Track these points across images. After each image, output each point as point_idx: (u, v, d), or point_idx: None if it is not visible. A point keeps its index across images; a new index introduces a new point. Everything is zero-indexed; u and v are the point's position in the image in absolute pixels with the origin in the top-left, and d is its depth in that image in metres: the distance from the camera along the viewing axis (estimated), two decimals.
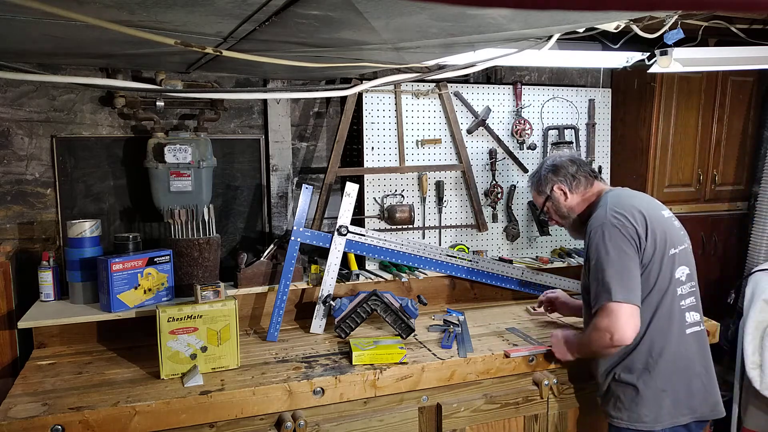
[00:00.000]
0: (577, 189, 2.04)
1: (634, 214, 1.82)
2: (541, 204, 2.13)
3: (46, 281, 2.24)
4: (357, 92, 2.55)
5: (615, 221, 1.81)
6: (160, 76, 2.35)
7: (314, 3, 1.17)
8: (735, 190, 3.22)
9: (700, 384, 1.85)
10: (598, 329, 1.79)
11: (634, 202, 1.88)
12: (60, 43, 1.68)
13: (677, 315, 1.83)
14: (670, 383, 1.82)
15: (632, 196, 1.94)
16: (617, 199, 1.91)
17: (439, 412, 2.02)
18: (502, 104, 2.86)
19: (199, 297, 1.94)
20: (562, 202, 2.06)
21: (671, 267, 1.82)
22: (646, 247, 1.79)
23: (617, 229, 1.79)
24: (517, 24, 1.49)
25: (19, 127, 2.32)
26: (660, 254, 1.81)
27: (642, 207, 1.86)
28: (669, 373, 1.81)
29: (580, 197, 2.05)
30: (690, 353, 1.84)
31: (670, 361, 1.81)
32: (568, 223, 2.10)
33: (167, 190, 2.34)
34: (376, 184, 2.71)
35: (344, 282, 2.49)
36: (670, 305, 1.82)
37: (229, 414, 1.78)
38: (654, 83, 2.91)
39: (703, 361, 1.88)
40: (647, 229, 1.80)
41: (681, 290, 1.84)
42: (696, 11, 2.25)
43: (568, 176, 2.04)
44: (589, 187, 2.05)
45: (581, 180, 2.04)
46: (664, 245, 1.81)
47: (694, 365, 1.85)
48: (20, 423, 1.59)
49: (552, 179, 2.07)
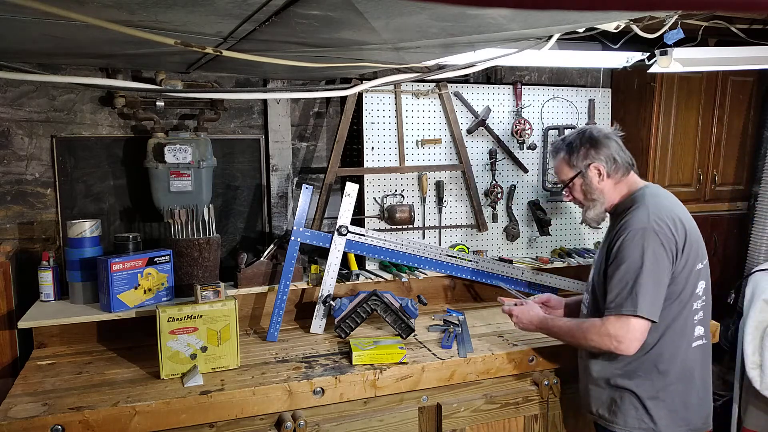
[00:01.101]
0: (615, 174, 1.85)
1: (677, 224, 1.73)
2: (569, 179, 1.90)
3: (46, 281, 2.24)
4: (357, 92, 2.55)
5: (658, 229, 1.70)
6: (160, 76, 2.35)
7: (314, 3, 1.17)
8: (735, 190, 3.22)
9: (696, 397, 1.82)
10: (605, 334, 1.72)
11: (675, 210, 1.77)
12: (60, 43, 1.68)
13: (689, 329, 1.79)
14: (669, 394, 1.78)
15: (671, 201, 1.82)
16: (658, 201, 1.78)
17: (439, 412, 2.02)
18: (502, 104, 2.86)
19: (199, 297, 1.94)
20: (595, 183, 1.86)
21: (695, 281, 1.77)
22: (680, 260, 1.72)
23: (659, 239, 1.69)
24: (517, 24, 1.49)
25: (19, 127, 2.32)
26: (689, 268, 1.74)
27: (682, 216, 1.77)
28: (670, 385, 1.78)
29: (613, 184, 1.86)
30: (692, 366, 1.81)
31: (673, 373, 1.78)
32: (591, 206, 1.90)
33: (167, 190, 2.34)
34: (376, 184, 2.71)
35: (344, 282, 2.49)
36: (685, 318, 1.77)
37: (229, 414, 1.78)
38: (654, 83, 2.91)
39: (703, 374, 1.85)
40: (685, 242, 1.73)
41: (696, 304, 1.79)
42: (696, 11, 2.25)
43: (610, 158, 1.84)
44: (624, 176, 1.87)
45: (620, 166, 1.85)
46: (694, 259, 1.75)
47: (694, 378, 1.81)
48: (20, 423, 1.59)
49: (592, 156, 1.85)
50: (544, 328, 1.97)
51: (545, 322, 1.97)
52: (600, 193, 1.87)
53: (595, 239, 3.07)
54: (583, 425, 2.23)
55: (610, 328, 1.71)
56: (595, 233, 3.06)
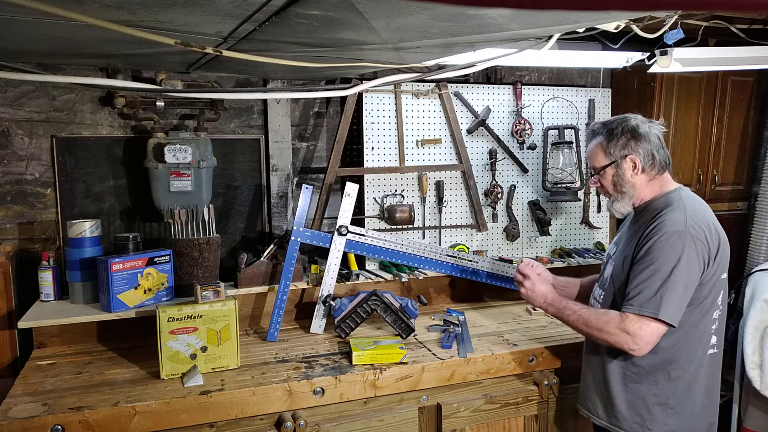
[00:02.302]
0: (651, 171, 1.78)
1: (711, 231, 1.69)
2: (601, 166, 1.82)
3: (46, 281, 2.24)
4: (357, 92, 2.55)
5: (695, 235, 1.65)
6: (160, 76, 2.35)
7: (314, 3, 1.17)
8: (735, 190, 3.22)
9: (701, 405, 1.79)
10: (624, 330, 1.67)
11: (708, 216, 1.73)
12: (60, 43, 1.68)
13: (706, 337, 1.76)
14: (677, 401, 1.75)
15: (705, 207, 1.77)
16: (695, 205, 1.73)
17: (439, 412, 2.02)
18: (502, 104, 2.86)
19: (199, 297, 1.94)
20: (628, 176, 1.78)
21: (718, 291, 1.74)
22: (710, 268, 1.69)
23: (694, 245, 1.64)
24: (517, 24, 1.49)
25: (19, 127, 2.32)
26: (717, 277, 1.71)
27: (716, 223, 1.73)
28: (680, 391, 1.75)
29: (647, 180, 1.79)
30: (702, 374, 1.77)
31: (684, 380, 1.75)
32: (619, 198, 1.83)
33: (167, 190, 2.34)
34: (376, 184, 2.71)
35: (344, 282, 2.49)
36: (704, 326, 1.74)
37: (229, 414, 1.78)
38: (654, 83, 2.91)
39: (711, 382, 1.81)
40: (718, 251, 1.69)
41: (715, 314, 1.76)
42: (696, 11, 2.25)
43: (648, 153, 1.76)
44: (659, 174, 1.79)
45: (657, 163, 1.77)
46: (723, 269, 1.73)
47: (701, 386, 1.78)
48: (20, 423, 1.59)
49: (631, 147, 1.76)
50: (555, 306, 1.88)
51: (558, 302, 1.88)
52: (631, 187, 1.79)
53: (595, 239, 3.07)
54: (583, 425, 2.23)
55: (629, 326, 1.67)
56: (596, 233, 3.06)
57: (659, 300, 1.64)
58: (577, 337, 2.19)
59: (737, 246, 3.24)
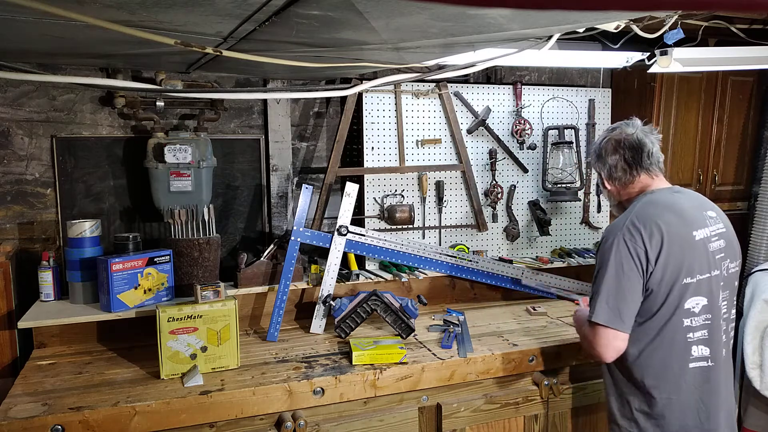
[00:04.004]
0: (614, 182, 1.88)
1: (653, 230, 1.67)
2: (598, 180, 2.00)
3: (46, 281, 2.24)
4: (357, 92, 2.55)
5: (628, 235, 1.68)
6: (160, 76, 2.35)
7: (314, 3, 1.17)
8: (735, 190, 3.22)
9: (696, 420, 1.73)
10: (586, 338, 1.78)
11: (660, 214, 1.71)
12: (60, 43, 1.68)
13: (680, 347, 1.70)
14: (661, 413, 1.73)
15: (666, 205, 1.75)
16: (646, 206, 1.75)
17: (439, 412, 2.02)
18: (502, 104, 2.86)
19: (199, 297, 1.94)
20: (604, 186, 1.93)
21: (680, 297, 1.68)
22: (654, 271, 1.66)
23: (626, 245, 1.67)
24: (517, 24, 1.49)
25: (19, 127, 2.32)
26: (669, 282, 1.67)
27: (668, 222, 1.68)
28: (663, 403, 1.72)
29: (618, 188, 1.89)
30: (689, 387, 1.72)
31: (664, 393, 1.72)
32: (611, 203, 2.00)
33: (167, 190, 2.34)
34: (376, 184, 2.71)
35: (344, 282, 2.49)
36: (672, 335, 1.69)
37: (229, 414, 1.78)
38: (654, 83, 2.91)
39: (709, 397, 1.73)
40: (660, 251, 1.66)
41: (691, 321, 1.69)
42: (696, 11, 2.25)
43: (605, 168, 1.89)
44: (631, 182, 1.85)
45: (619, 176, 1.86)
46: (677, 273, 1.66)
47: (691, 401, 1.72)
48: (20, 423, 1.59)
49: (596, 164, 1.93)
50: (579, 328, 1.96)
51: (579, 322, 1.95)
52: (608, 195, 1.97)
53: (595, 239, 3.07)
54: (583, 425, 2.23)
55: (588, 332, 1.76)
56: (596, 234, 3.07)
57: (595, 303, 1.71)
58: (576, 337, 2.19)
59: None
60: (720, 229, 1.78)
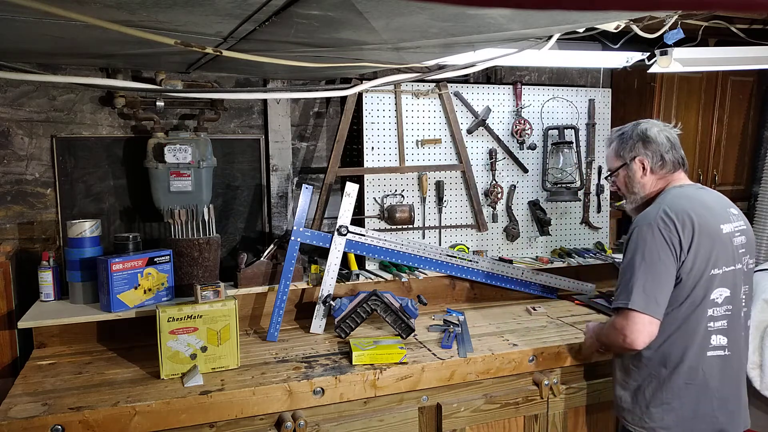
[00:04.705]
0: (660, 171, 1.85)
1: (685, 221, 1.69)
2: (615, 168, 1.94)
3: (46, 281, 2.24)
4: (357, 92, 2.55)
5: (662, 224, 1.69)
6: (160, 76, 2.35)
7: (314, 3, 1.17)
8: (735, 190, 3.22)
9: (709, 408, 1.76)
10: (615, 328, 1.76)
11: (692, 206, 1.73)
12: (60, 43, 1.68)
13: (701, 335, 1.73)
14: (677, 399, 1.75)
15: (694, 199, 1.77)
16: (677, 198, 1.77)
17: (439, 412, 2.02)
18: (502, 104, 2.86)
19: (199, 297, 1.94)
20: (638, 176, 1.87)
21: (707, 287, 1.71)
22: (686, 260, 1.69)
23: (661, 234, 1.68)
24: (517, 24, 1.49)
25: (19, 127, 2.32)
26: (698, 272, 1.70)
27: (699, 214, 1.71)
28: (677, 389, 1.75)
29: (656, 179, 1.87)
30: (706, 376, 1.75)
31: (681, 379, 1.75)
32: (631, 199, 1.93)
33: (167, 190, 2.34)
34: (376, 184, 2.71)
35: (344, 282, 2.49)
36: (696, 324, 1.73)
37: (229, 414, 1.78)
38: (654, 83, 2.91)
39: (721, 386, 1.77)
40: (692, 241, 1.68)
41: (713, 311, 1.73)
42: (696, 11, 2.25)
43: (656, 154, 1.84)
44: (669, 174, 1.86)
45: (667, 164, 1.85)
46: (705, 263, 1.70)
47: (707, 388, 1.75)
48: (20, 423, 1.59)
49: (639, 150, 1.86)
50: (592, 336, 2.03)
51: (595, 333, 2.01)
52: (641, 187, 1.89)
53: (595, 239, 3.07)
54: (583, 425, 2.23)
55: (617, 323, 1.75)
56: (596, 234, 3.06)
57: (631, 291, 1.70)
58: (576, 337, 2.20)
59: None
60: (741, 225, 1.81)
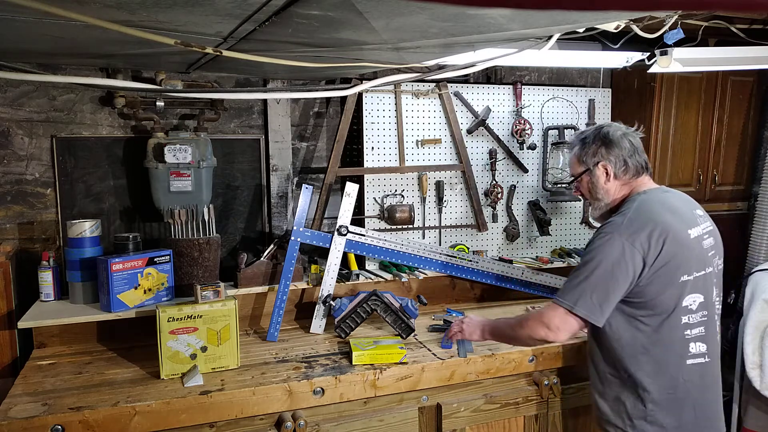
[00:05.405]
0: (623, 176, 1.80)
1: (653, 230, 1.64)
2: (578, 173, 1.88)
3: (46, 281, 2.24)
4: (357, 92, 2.55)
5: (626, 235, 1.65)
6: (160, 76, 2.35)
7: (314, 3, 1.17)
8: (735, 190, 3.22)
9: (692, 416, 1.73)
10: (539, 320, 1.71)
11: (660, 213, 1.69)
12: (60, 43, 1.68)
13: (678, 344, 1.70)
14: (660, 411, 1.72)
15: (664, 207, 1.72)
16: (643, 205, 1.72)
17: (439, 412, 2.02)
18: (502, 104, 2.86)
19: (199, 297, 1.94)
20: (602, 182, 1.82)
21: (679, 294, 1.67)
22: (654, 270, 1.64)
23: (622, 247, 1.64)
24: (517, 24, 1.49)
25: (19, 127, 2.32)
26: (669, 280, 1.66)
27: (666, 222, 1.67)
28: (660, 400, 1.72)
29: (620, 185, 1.82)
30: (687, 384, 1.72)
31: (662, 390, 1.71)
32: (595, 205, 1.89)
33: (167, 190, 2.34)
34: (376, 184, 2.71)
35: (344, 282, 2.49)
36: (669, 333, 1.69)
37: (229, 414, 1.78)
38: (654, 83, 2.91)
39: (703, 392, 1.75)
40: (661, 250, 1.64)
41: (689, 319, 1.69)
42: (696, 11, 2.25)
43: (619, 158, 1.79)
44: (633, 179, 1.81)
45: (630, 169, 1.80)
46: (675, 271, 1.66)
47: (689, 397, 1.72)
48: (20, 423, 1.59)
49: (602, 154, 1.80)
50: (489, 327, 1.95)
51: (490, 322, 1.96)
52: (605, 193, 1.83)
53: None
54: (583, 425, 2.23)
55: (544, 315, 1.71)
56: None
57: (575, 292, 1.67)
58: (576, 338, 2.19)
59: (737, 246, 3.25)
60: (708, 227, 1.78)
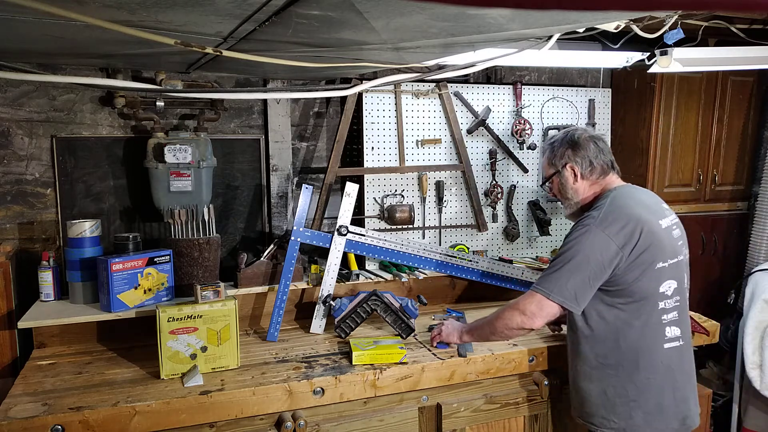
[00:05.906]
0: (590, 176, 1.91)
1: (628, 222, 1.74)
2: (549, 176, 1.98)
3: (46, 281, 2.24)
4: (357, 92, 2.55)
5: (602, 227, 1.74)
6: (160, 76, 2.35)
7: (314, 3, 1.17)
8: (735, 190, 3.22)
9: (672, 398, 1.80)
10: (516, 308, 1.83)
11: (634, 205, 1.79)
12: (60, 43, 1.68)
13: (655, 329, 1.78)
14: (642, 395, 1.78)
15: (636, 201, 1.82)
16: (619, 201, 1.81)
17: (439, 412, 2.02)
18: (502, 104, 2.86)
19: (199, 297, 1.94)
20: (570, 182, 1.93)
21: (656, 281, 1.76)
22: (631, 260, 1.73)
23: (599, 238, 1.73)
24: (517, 24, 1.49)
25: (19, 127, 2.32)
26: (643, 268, 1.74)
27: (641, 216, 1.76)
28: (641, 385, 1.78)
29: (589, 184, 1.92)
30: (666, 368, 1.79)
31: (642, 375, 1.78)
32: (567, 204, 1.99)
33: (167, 190, 2.34)
34: (376, 184, 2.71)
35: (344, 282, 2.49)
36: (647, 318, 1.77)
37: (229, 414, 1.78)
38: (654, 83, 2.91)
39: (680, 375, 1.83)
40: (638, 241, 1.73)
41: (664, 304, 1.78)
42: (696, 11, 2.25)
43: (585, 159, 1.90)
44: (601, 178, 1.92)
45: (596, 169, 1.90)
46: (651, 259, 1.74)
47: (668, 380, 1.80)
48: (20, 423, 1.59)
49: (569, 156, 1.91)
50: (466, 327, 2.08)
51: (468, 323, 2.10)
52: (574, 192, 1.94)
53: None
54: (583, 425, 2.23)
55: (519, 303, 1.81)
56: None
57: (555, 279, 1.76)
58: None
59: (737, 246, 3.25)
60: (674, 219, 1.88)
